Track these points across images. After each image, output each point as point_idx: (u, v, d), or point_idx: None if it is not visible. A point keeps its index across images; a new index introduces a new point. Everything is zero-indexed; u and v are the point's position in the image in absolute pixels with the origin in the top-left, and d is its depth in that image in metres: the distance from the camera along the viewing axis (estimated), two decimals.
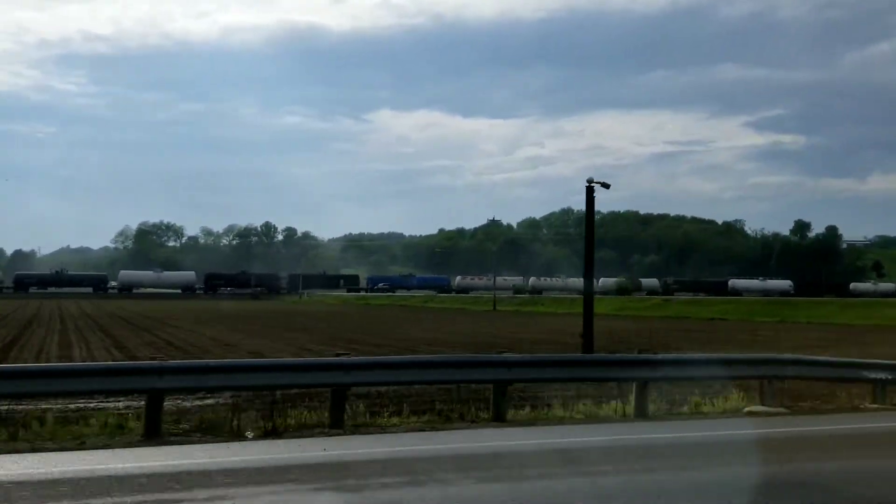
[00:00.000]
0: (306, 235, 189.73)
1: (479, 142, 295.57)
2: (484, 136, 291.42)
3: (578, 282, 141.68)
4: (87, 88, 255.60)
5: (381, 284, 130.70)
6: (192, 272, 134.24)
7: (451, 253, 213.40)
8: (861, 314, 61.36)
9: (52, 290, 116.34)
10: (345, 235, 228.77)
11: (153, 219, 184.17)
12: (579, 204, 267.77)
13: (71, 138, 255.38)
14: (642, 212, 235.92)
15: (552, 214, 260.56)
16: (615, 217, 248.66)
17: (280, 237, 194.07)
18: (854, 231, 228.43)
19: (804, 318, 62.81)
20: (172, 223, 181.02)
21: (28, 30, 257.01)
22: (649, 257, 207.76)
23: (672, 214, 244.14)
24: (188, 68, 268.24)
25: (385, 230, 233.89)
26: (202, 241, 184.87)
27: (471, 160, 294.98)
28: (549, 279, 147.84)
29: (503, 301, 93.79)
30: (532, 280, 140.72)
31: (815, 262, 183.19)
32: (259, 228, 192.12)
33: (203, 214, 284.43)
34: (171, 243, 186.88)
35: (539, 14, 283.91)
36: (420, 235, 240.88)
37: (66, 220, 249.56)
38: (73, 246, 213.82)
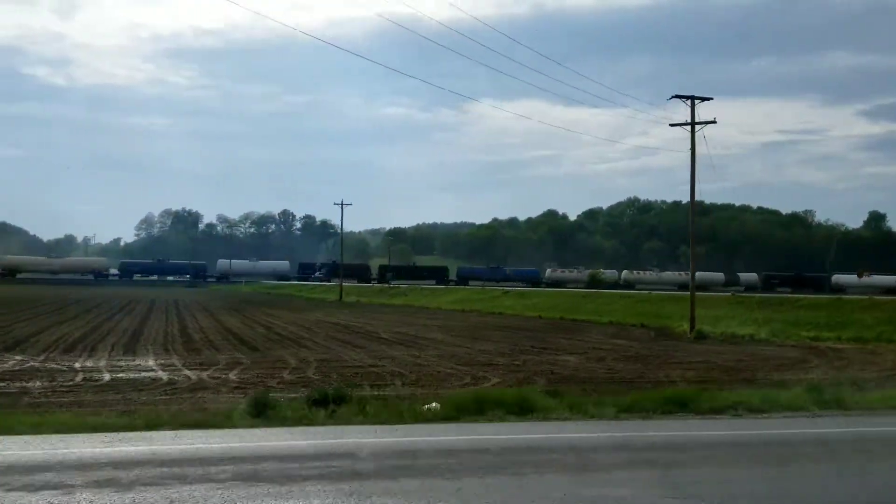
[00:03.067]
0: (325, 224, 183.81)
1: (581, 131, 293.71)
2: (586, 126, 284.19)
3: (673, 275, 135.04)
4: (197, 81, 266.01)
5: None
6: (286, 261, 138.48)
7: (493, 243, 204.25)
8: None
9: (153, 277, 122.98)
10: (401, 226, 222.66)
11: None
12: (684, 195, 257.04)
13: (182, 130, 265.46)
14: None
15: (619, 204, 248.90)
16: (674, 207, 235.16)
17: (299, 224, 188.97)
18: None
19: None
20: (193, 210, 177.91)
21: (142, 25, 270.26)
22: (698, 248, 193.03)
23: (738, 205, 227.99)
24: (292, 61, 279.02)
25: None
26: (219, 228, 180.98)
27: (572, 150, 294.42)
28: (641, 272, 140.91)
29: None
30: (625, 273, 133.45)
31: (875, 255, 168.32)
32: (277, 216, 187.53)
33: (305, 204, 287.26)
34: (191, 230, 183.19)
35: (642, 0, 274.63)
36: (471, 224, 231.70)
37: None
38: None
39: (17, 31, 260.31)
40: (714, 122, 42.00)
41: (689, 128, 40.99)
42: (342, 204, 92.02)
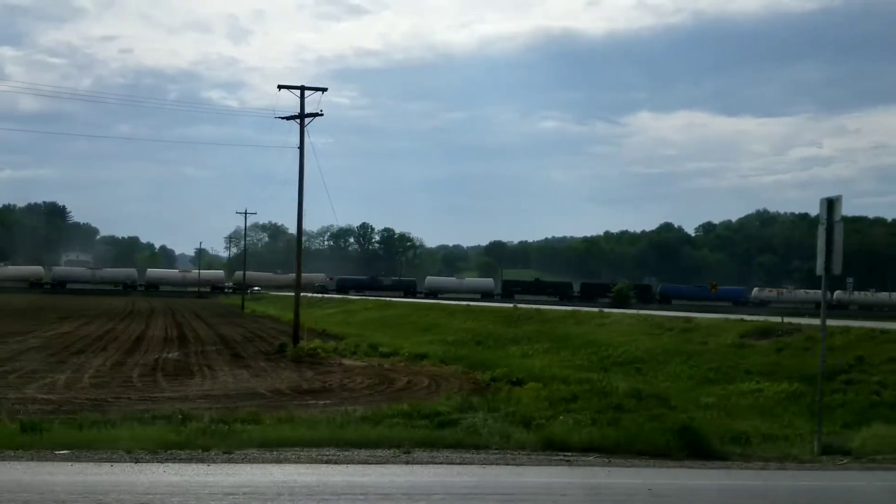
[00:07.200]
0: (403, 237, 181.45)
1: (745, 142, 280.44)
2: (751, 136, 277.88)
3: (887, 296, 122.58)
4: (358, 101, 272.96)
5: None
6: (491, 279, 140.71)
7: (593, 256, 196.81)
8: None
9: (367, 293, 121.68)
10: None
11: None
12: (858, 209, 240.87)
13: (344, 148, 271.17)
14: None
15: (747, 217, 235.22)
16: (798, 220, 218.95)
17: (377, 237, 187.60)
18: None
19: None
20: (280, 223, 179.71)
21: (308, 48, 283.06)
22: (810, 263, 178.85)
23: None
24: (450, 78, 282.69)
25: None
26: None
27: (736, 161, 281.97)
28: (855, 293, 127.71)
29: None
30: (837, 294, 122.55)
31: None
32: (356, 229, 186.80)
33: (459, 220, 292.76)
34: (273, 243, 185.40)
35: (809, 5, 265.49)
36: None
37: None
38: None
39: (196, 58, 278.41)
40: (321, 114, 38.53)
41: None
42: (245, 213, 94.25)
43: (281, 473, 10.74)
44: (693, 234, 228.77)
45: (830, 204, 14.94)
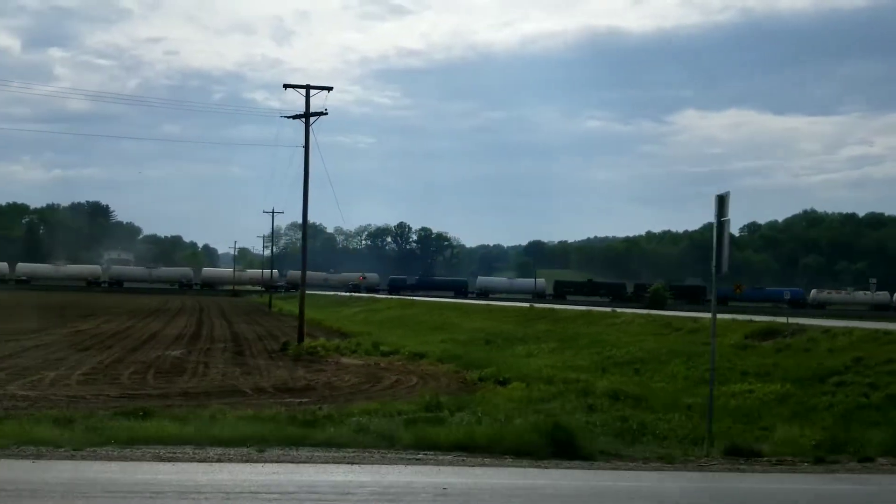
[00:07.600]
0: (440, 236, 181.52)
1: (795, 141, 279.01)
2: (801, 135, 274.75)
3: None
4: (400, 101, 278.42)
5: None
6: (542, 279, 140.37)
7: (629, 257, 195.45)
8: None
9: (420, 294, 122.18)
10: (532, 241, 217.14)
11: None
12: None
13: (385, 148, 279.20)
14: None
15: (794, 217, 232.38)
16: (846, 220, 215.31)
17: (414, 237, 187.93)
18: None
19: None
20: (318, 223, 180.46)
21: (352, 49, 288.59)
22: (858, 264, 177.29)
23: None
24: (492, 77, 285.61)
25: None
26: (338, 240, 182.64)
27: (786, 160, 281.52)
28: None
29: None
30: None
31: None
32: (393, 229, 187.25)
33: (498, 220, 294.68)
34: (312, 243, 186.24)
35: (860, 1, 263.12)
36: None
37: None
38: None
39: (240, 59, 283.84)
40: (325, 113, 38.57)
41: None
42: (273, 212, 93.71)
43: (98, 470, 10.89)
44: (738, 234, 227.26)
45: (721, 200, 14.51)
